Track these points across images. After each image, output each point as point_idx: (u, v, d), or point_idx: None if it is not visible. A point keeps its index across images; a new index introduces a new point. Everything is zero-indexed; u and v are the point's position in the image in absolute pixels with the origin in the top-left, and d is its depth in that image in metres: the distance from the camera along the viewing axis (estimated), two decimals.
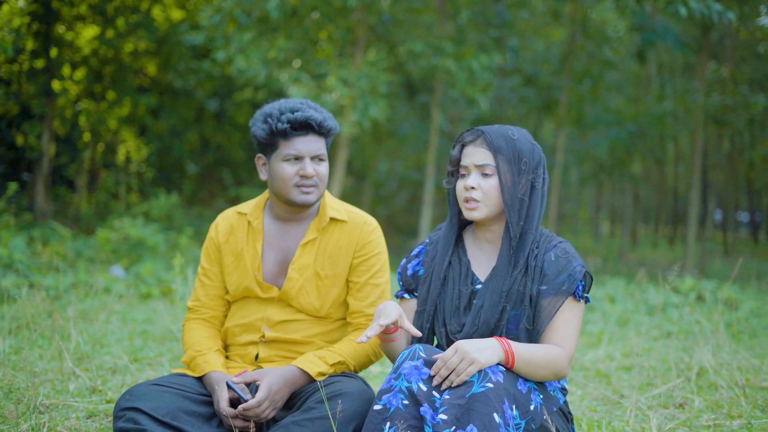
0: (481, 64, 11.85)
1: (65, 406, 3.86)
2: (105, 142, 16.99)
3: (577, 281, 2.89)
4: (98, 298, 7.46)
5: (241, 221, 3.53)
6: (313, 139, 3.34)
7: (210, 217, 16.23)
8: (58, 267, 9.41)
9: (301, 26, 12.21)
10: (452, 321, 2.99)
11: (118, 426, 2.99)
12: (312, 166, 3.32)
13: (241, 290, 3.45)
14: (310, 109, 3.34)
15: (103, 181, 15.99)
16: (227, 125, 18.90)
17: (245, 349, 3.42)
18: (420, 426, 2.69)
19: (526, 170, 2.93)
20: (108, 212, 14.87)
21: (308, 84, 11.33)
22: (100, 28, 15.21)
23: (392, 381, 2.77)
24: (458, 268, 3.05)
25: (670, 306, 8.08)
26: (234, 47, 11.42)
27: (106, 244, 10.59)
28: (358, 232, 3.45)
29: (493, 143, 2.94)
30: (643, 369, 5.04)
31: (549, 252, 2.95)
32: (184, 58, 16.01)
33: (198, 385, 3.24)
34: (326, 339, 3.44)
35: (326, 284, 3.41)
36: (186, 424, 3.03)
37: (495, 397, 2.64)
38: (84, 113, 15.96)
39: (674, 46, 14.43)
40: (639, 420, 3.78)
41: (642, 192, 29.48)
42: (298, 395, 3.20)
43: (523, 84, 18.30)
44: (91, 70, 15.60)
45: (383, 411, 2.73)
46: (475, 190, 2.95)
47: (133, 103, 15.86)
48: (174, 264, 5.40)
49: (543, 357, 2.82)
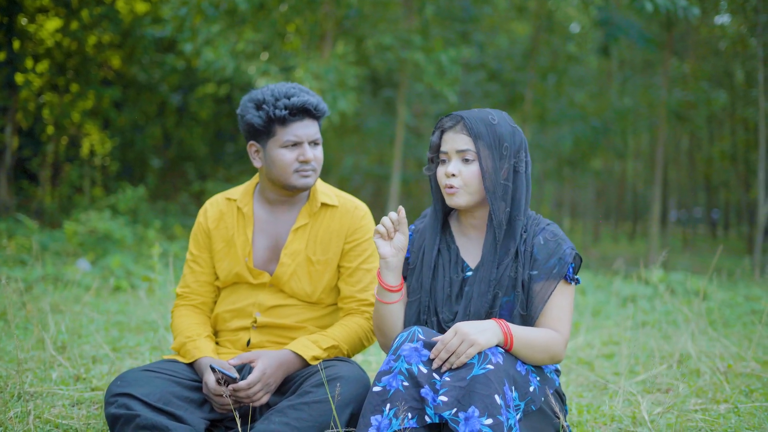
0: (450, 58, 11.87)
1: (49, 394, 3.82)
2: (69, 136, 16.79)
3: (568, 264, 2.90)
4: (69, 290, 7.38)
5: (230, 207, 3.50)
6: (309, 123, 3.33)
7: (174, 212, 16.13)
8: (24, 260, 9.31)
9: (269, 19, 12.16)
10: (444, 309, 2.98)
11: (110, 411, 2.96)
12: (311, 151, 3.31)
13: (231, 276, 3.42)
14: (303, 93, 3.32)
15: (66, 175, 15.81)
16: (189, 120, 18.78)
17: (236, 334, 3.40)
18: (421, 407, 2.68)
19: (507, 155, 2.90)
20: (72, 206, 14.71)
21: (277, 76, 11.27)
22: (63, 20, 15.04)
23: (392, 362, 2.75)
24: (447, 256, 3.04)
25: (641, 297, 8.17)
26: (201, 39, 11.34)
27: (74, 237, 10.47)
28: (350, 218, 3.44)
29: (473, 129, 2.90)
30: (623, 356, 5.08)
31: (537, 236, 2.94)
32: (148, 51, 15.87)
33: (189, 371, 3.22)
34: (318, 324, 3.43)
35: (318, 269, 3.39)
36: (179, 409, 3.00)
37: (496, 379, 2.64)
38: (47, 106, 15.77)
39: (638, 42, 14.56)
40: (626, 405, 3.81)
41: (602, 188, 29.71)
42: (291, 379, 3.18)
43: (488, 79, 18.36)
44: (54, 63, 15.41)
45: (383, 392, 2.72)
46: (456, 177, 2.92)
47: (98, 96, 15.70)
48: (152, 253, 5.35)
49: (540, 340, 2.83)
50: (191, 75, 17.29)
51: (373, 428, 2.68)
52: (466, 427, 2.57)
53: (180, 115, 18.71)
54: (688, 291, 8.14)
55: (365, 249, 3.43)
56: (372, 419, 2.69)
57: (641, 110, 19.44)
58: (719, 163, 26.16)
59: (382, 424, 2.67)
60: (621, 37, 14.72)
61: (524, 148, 2.96)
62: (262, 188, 3.47)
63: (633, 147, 27.74)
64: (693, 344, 4.82)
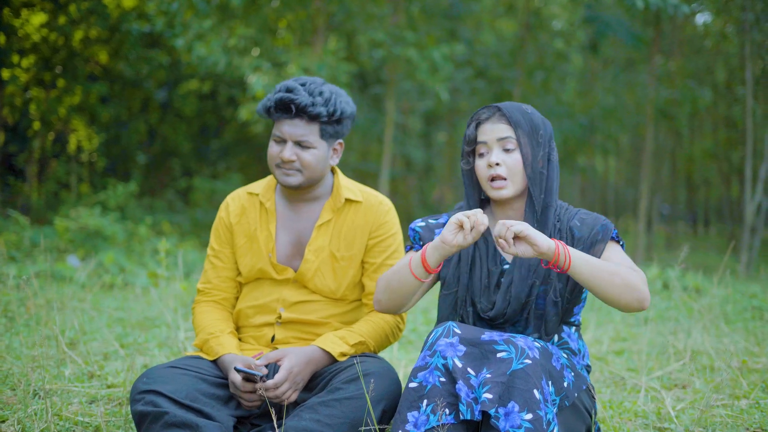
0: (443, 55, 11.86)
1: (64, 391, 3.78)
2: (55, 131, 16.68)
3: (611, 229, 2.89)
4: (64, 287, 7.31)
5: (252, 202, 3.45)
6: (300, 123, 3.24)
7: (161, 208, 16.05)
8: (13, 256, 9.23)
9: (261, 14, 12.12)
10: (482, 300, 2.95)
11: (137, 409, 2.92)
12: (292, 150, 3.23)
13: (254, 272, 3.38)
14: (303, 92, 3.21)
15: (53, 171, 15.70)
16: (173, 116, 18.70)
17: (260, 330, 3.36)
18: (456, 403, 2.66)
19: (542, 143, 2.93)
20: (58, 202, 14.61)
21: (269, 72, 11.23)
22: (49, 15, 14.93)
23: (427, 358, 2.73)
24: (485, 248, 3.01)
25: None
26: (192, 34, 11.29)
27: (65, 234, 10.39)
28: (374, 213, 3.40)
29: (512, 117, 2.91)
30: (633, 353, 5.09)
31: (573, 220, 2.95)
32: (135, 47, 15.78)
33: (214, 368, 3.17)
34: (342, 320, 3.39)
35: (342, 266, 3.35)
36: (206, 406, 2.96)
37: (534, 374, 2.63)
38: (34, 101, 15.65)
39: (627, 39, 14.61)
40: (646, 400, 3.80)
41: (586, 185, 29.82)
42: (319, 376, 3.14)
43: (475, 76, 18.39)
44: (41, 58, 15.28)
45: (419, 389, 2.69)
46: (500, 166, 2.90)
47: (85, 92, 15.59)
48: (159, 248, 5.30)
49: (613, 268, 2.72)
50: (175, 71, 17.21)
51: (410, 424, 2.65)
52: (506, 423, 2.55)
53: (164, 111, 18.63)
54: (687, 288, 8.15)
55: (390, 245, 3.40)
56: (408, 415, 2.67)
57: (628, 108, 19.51)
58: (701, 161, 26.28)
59: (419, 420, 2.65)
60: (609, 35, 14.78)
61: (554, 139, 2.98)
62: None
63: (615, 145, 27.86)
64: (704, 340, 4.83)
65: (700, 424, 3.33)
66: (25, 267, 8.14)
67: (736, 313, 6.62)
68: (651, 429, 3.36)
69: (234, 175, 17.71)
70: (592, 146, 21.37)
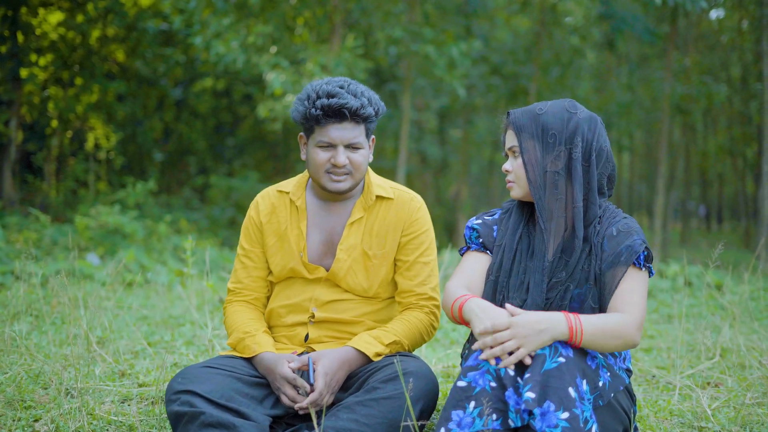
0: (461, 51, 11.84)
1: (96, 390, 3.77)
2: (73, 129, 16.72)
3: (637, 253, 2.83)
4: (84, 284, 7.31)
5: (282, 200, 3.43)
6: (349, 126, 3.20)
7: (178, 206, 16.07)
8: (35, 255, 9.23)
9: (278, 12, 12.12)
10: (515, 296, 2.94)
11: (173, 409, 2.92)
12: (345, 155, 3.20)
13: (286, 271, 3.36)
14: (348, 94, 3.17)
15: (71, 169, 15.74)
16: (188, 114, 18.72)
17: (293, 330, 3.34)
18: (504, 410, 2.63)
19: (555, 142, 2.89)
20: (77, 200, 14.64)
21: (287, 70, 11.23)
22: (66, 14, 14.97)
23: (479, 359, 2.70)
24: (527, 243, 3.01)
25: (660, 291, 8.16)
26: (211, 32, 11.30)
27: (85, 231, 10.42)
28: (406, 210, 3.37)
29: (515, 123, 2.95)
30: (661, 350, 5.06)
31: (611, 227, 2.91)
32: (151, 45, 15.81)
33: (248, 367, 3.16)
34: (375, 318, 3.37)
35: (375, 264, 3.33)
36: (242, 405, 2.95)
37: (568, 371, 2.61)
38: (52, 100, 15.69)
39: (643, 35, 14.56)
40: (680, 399, 3.78)
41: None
42: (354, 375, 3.13)
43: (490, 73, 18.36)
44: (58, 56, 15.32)
45: (468, 389, 2.65)
46: (510, 173, 3.01)
47: (102, 90, 15.62)
48: (185, 246, 5.30)
49: (610, 325, 2.73)
50: (191, 69, 17.24)
51: (453, 423, 2.62)
52: (543, 423, 2.53)
53: (179, 109, 18.65)
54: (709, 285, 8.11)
55: (422, 242, 3.37)
56: (453, 414, 2.63)
57: (644, 104, 19.44)
58: (715, 157, 26.19)
59: (464, 420, 2.61)
60: (624, 31, 14.75)
61: (581, 132, 2.89)
62: (313, 183, 3.41)
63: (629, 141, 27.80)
64: (734, 337, 4.79)
65: (737, 423, 3.31)
66: (46, 265, 8.13)
67: (760, 309, 6.57)
68: (689, 428, 3.34)
69: (250, 173, 17.72)
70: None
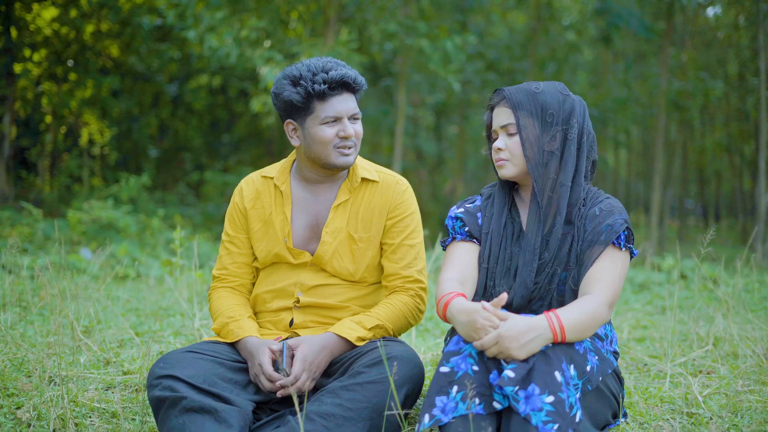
0: (455, 45, 11.80)
1: (80, 378, 3.73)
2: (67, 125, 16.69)
3: (617, 233, 2.83)
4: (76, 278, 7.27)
5: (266, 185, 3.39)
6: (348, 97, 3.21)
7: (173, 202, 16.04)
8: (27, 249, 9.21)
9: (272, 5, 12.08)
10: (501, 283, 2.92)
11: (154, 394, 2.87)
12: (352, 126, 3.21)
13: (271, 257, 3.32)
14: (340, 66, 3.20)
15: (65, 165, 15.70)
16: (183, 110, 18.69)
17: (278, 315, 3.30)
18: (489, 394, 2.60)
19: (552, 122, 2.88)
20: (71, 196, 14.61)
21: (281, 64, 11.18)
22: (60, 9, 14.92)
23: (461, 343, 2.68)
24: (511, 228, 2.99)
25: (655, 284, 8.15)
26: (204, 26, 11.26)
27: (78, 226, 10.38)
28: (391, 192, 3.34)
29: (513, 99, 2.92)
30: (654, 340, 5.03)
31: (593, 207, 2.91)
32: (145, 40, 15.77)
33: (232, 352, 3.13)
34: (361, 303, 3.33)
35: (360, 247, 3.29)
36: (224, 390, 2.91)
37: (555, 356, 2.59)
38: (46, 95, 15.66)
39: (639, 31, 14.54)
40: (672, 386, 3.75)
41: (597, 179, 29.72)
42: (338, 361, 3.09)
43: (486, 68, 18.35)
44: (52, 52, 15.29)
45: (450, 374, 2.63)
46: (503, 150, 2.94)
47: (96, 86, 15.58)
48: (174, 237, 5.27)
49: (586, 315, 2.69)
50: (186, 65, 17.21)
51: (437, 409, 2.59)
52: (527, 406, 2.50)
53: (175, 106, 18.62)
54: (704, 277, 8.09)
55: (408, 224, 3.33)
56: (437, 400, 2.60)
57: (640, 100, 19.42)
58: (712, 154, 26.15)
59: (448, 406, 2.59)
60: (620, 26, 14.72)
61: (576, 115, 2.90)
62: (299, 167, 3.35)
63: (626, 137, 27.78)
64: (727, 327, 4.76)
65: (729, 410, 3.27)
66: (38, 258, 8.10)
67: (755, 301, 6.55)
68: (678, 414, 3.30)
69: (245, 169, 17.71)
70: (603, 139, 21.27)
